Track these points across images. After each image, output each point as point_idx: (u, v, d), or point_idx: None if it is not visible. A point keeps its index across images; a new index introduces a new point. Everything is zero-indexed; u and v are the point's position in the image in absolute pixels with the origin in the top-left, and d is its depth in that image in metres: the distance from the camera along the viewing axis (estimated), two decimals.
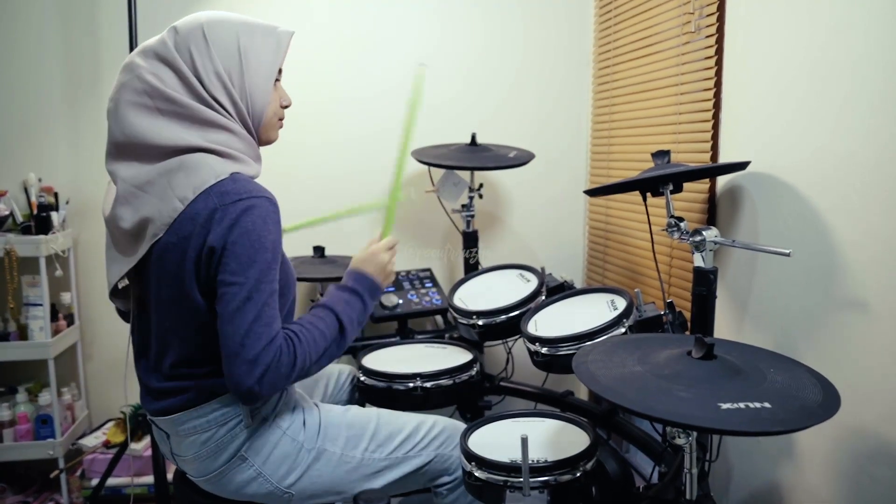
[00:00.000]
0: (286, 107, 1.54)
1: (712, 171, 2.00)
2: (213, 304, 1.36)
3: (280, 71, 1.50)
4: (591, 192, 2.03)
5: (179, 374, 1.43)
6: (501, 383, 2.30)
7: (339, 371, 2.03)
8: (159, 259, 1.36)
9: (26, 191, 2.71)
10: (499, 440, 1.66)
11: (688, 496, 1.44)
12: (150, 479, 2.58)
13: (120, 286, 1.49)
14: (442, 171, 2.71)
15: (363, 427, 1.63)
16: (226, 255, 1.31)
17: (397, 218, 2.98)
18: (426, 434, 1.67)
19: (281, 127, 1.55)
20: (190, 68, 1.38)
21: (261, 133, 1.49)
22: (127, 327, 1.56)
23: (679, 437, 1.34)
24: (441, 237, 3.07)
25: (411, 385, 1.93)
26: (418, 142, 2.85)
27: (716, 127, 2.03)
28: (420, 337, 2.53)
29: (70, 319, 2.78)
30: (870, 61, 1.49)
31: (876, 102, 1.48)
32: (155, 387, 1.47)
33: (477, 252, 2.71)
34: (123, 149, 1.40)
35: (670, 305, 1.83)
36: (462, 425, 1.76)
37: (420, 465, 1.65)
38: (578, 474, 1.51)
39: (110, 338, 2.92)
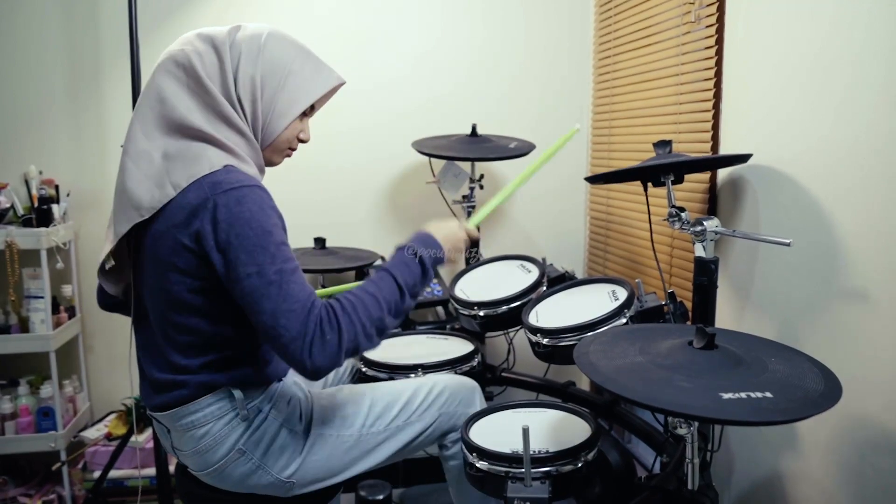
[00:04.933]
0: (303, 142, 1.54)
1: (715, 163, 2.00)
2: (202, 296, 1.37)
3: (313, 108, 1.51)
4: (592, 180, 2.02)
5: (176, 367, 1.43)
6: (503, 374, 2.30)
7: None
8: (153, 248, 1.37)
9: (27, 183, 2.70)
10: (500, 431, 1.66)
11: (689, 486, 1.44)
12: (152, 471, 2.59)
13: (107, 267, 1.47)
14: (443, 162, 2.71)
15: (357, 404, 1.62)
16: (233, 251, 1.29)
17: (398, 209, 3.00)
18: (426, 396, 1.66)
19: (289, 156, 1.56)
20: (232, 65, 1.40)
21: (265, 152, 1.49)
22: (128, 320, 1.56)
23: (681, 428, 1.35)
24: None
25: (413, 376, 1.93)
26: (419, 133, 2.85)
27: (716, 117, 2.03)
28: (421, 328, 2.52)
29: (71, 312, 2.78)
30: (871, 52, 1.49)
31: (877, 93, 1.47)
32: (156, 378, 1.47)
33: (477, 252, 2.71)
34: (141, 111, 1.40)
35: (671, 296, 1.83)
36: (469, 381, 1.76)
37: (423, 429, 1.64)
38: (580, 465, 1.51)
39: (111, 330, 2.92)
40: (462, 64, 2.99)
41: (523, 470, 1.43)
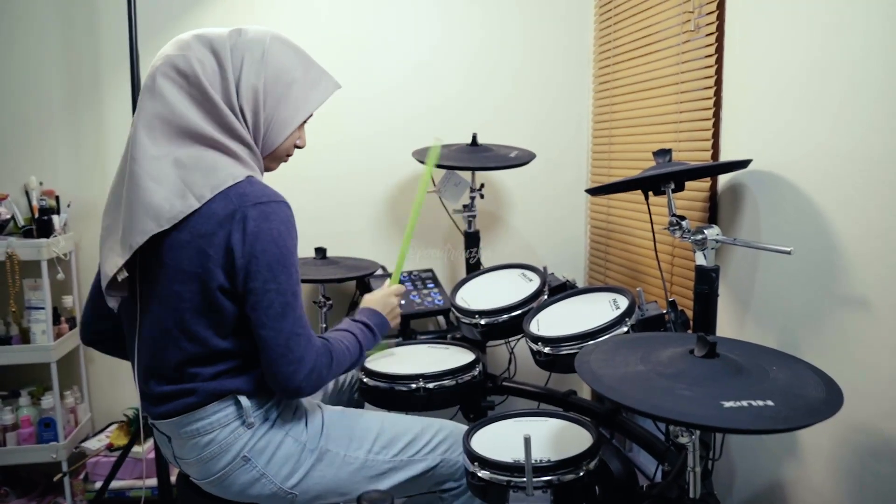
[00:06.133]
0: (300, 147, 1.56)
1: (715, 170, 2.00)
2: (224, 307, 1.38)
3: (311, 115, 1.51)
4: (593, 192, 2.02)
5: (184, 375, 1.43)
6: (504, 383, 2.30)
7: None
8: (171, 255, 1.35)
9: (27, 194, 2.71)
10: (502, 440, 1.66)
11: (691, 495, 1.43)
12: (153, 481, 2.59)
13: (119, 279, 1.39)
14: (443, 171, 2.71)
15: (367, 429, 1.63)
16: (256, 263, 1.32)
17: (399, 218, 3.00)
18: (432, 438, 1.67)
19: (285, 162, 1.57)
20: (234, 73, 1.39)
21: (264, 160, 1.50)
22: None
23: (682, 436, 1.34)
24: (443, 237, 3.07)
25: (414, 386, 1.93)
26: (420, 142, 2.86)
27: (716, 125, 2.03)
28: (422, 337, 2.52)
29: (72, 322, 2.78)
30: (869, 58, 1.49)
31: (876, 99, 1.48)
32: (156, 391, 1.46)
33: (478, 251, 2.71)
34: (144, 116, 1.37)
35: (672, 304, 1.83)
36: None
37: (425, 469, 1.65)
38: (582, 474, 1.51)
39: None
40: (462, 72, 3.00)
41: (525, 479, 1.43)
